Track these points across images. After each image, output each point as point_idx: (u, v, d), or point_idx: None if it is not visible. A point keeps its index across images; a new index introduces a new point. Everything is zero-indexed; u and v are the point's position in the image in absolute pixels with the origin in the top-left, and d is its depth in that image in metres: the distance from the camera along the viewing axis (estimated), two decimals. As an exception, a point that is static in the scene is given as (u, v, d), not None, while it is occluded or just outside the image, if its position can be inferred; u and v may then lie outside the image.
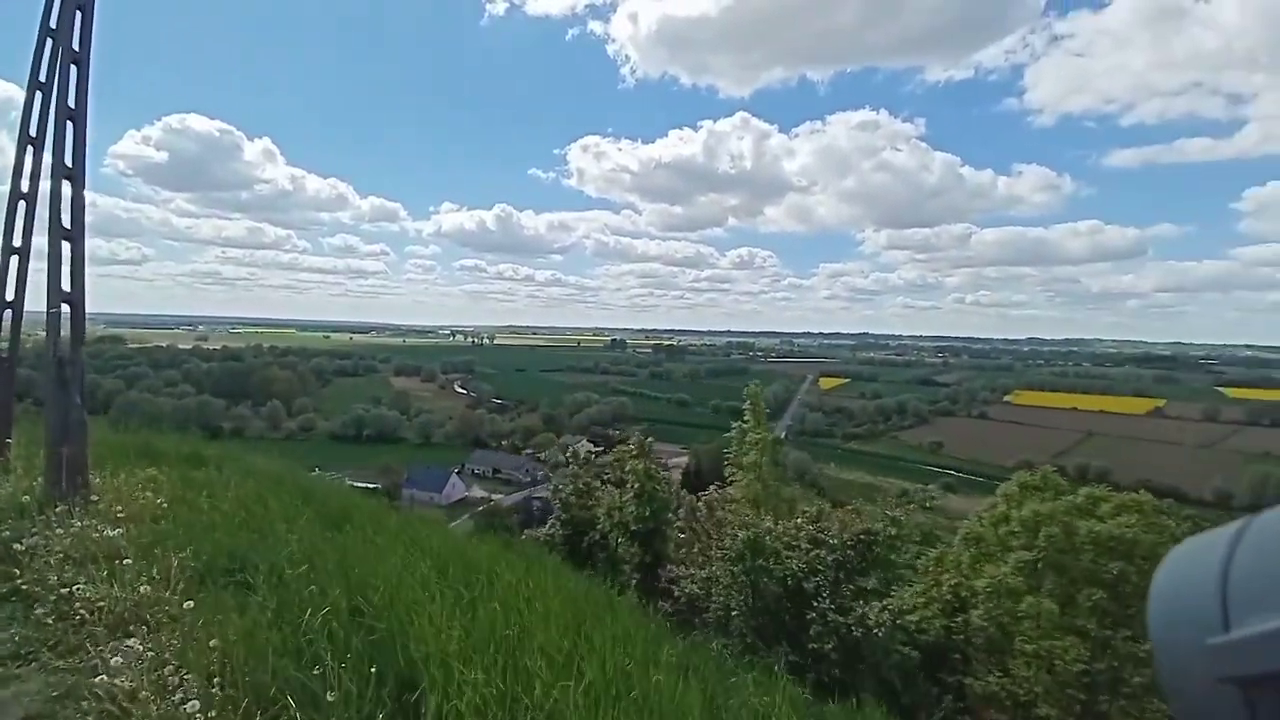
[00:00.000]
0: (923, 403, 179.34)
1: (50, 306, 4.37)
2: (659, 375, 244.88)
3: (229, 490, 5.01)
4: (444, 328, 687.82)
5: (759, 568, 5.64)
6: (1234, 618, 0.54)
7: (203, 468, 6.14)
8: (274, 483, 5.47)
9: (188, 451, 6.46)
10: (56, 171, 4.57)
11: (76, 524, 3.74)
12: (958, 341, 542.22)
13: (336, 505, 5.01)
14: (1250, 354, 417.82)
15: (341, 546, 3.73)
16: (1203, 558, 0.60)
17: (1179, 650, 0.59)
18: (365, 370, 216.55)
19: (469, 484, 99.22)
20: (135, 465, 5.63)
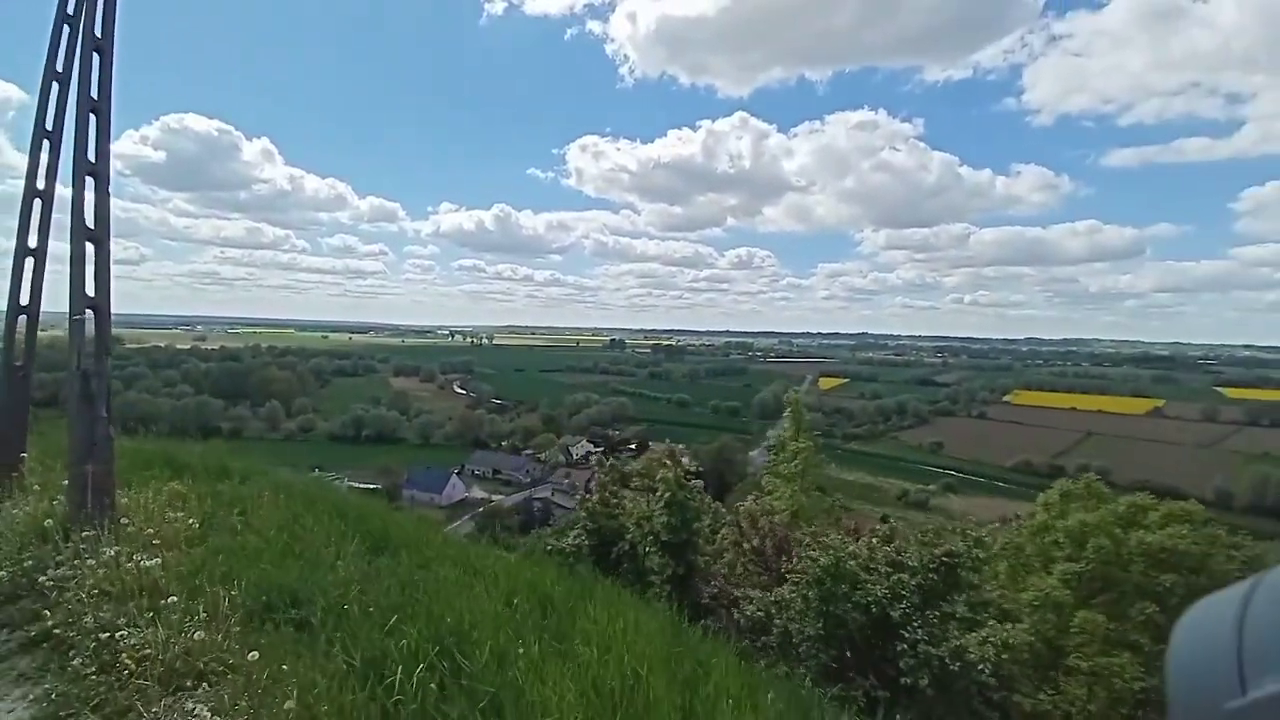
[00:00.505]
0: (922, 403, 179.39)
1: (73, 313, 4.02)
2: (658, 375, 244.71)
3: (261, 508, 4.67)
4: (443, 328, 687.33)
5: (838, 593, 5.29)
6: (1249, 679, 0.53)
7: (227, 480, 5.79)
8: (307, 499, 5.13)
9: (212, 463, 6.11)
10: (78, 168, 4.22)
11: (107, 551, 3.39)
12: (956, 341, 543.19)
13: (377, 524, 4.67)
14: (1248, 354, 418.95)
15: (399, 575, 3.40)
16: (1217, 619, 0.59)
17: (1198, 715, 0.58)
18: (364, 370, 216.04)
19: (469, 485, 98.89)
20: (158, 479, 5.29)
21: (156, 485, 4.91)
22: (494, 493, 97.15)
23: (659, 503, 8.64)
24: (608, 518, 8.81)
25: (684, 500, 8.49)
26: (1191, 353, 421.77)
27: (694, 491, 8.75)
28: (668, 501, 8.54)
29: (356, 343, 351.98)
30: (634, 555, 8.38)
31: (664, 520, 8.43)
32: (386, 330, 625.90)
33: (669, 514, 8.42)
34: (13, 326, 5.16)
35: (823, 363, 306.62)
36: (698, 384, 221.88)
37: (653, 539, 8.45)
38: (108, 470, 3.98)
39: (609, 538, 8.58)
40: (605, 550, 8.53)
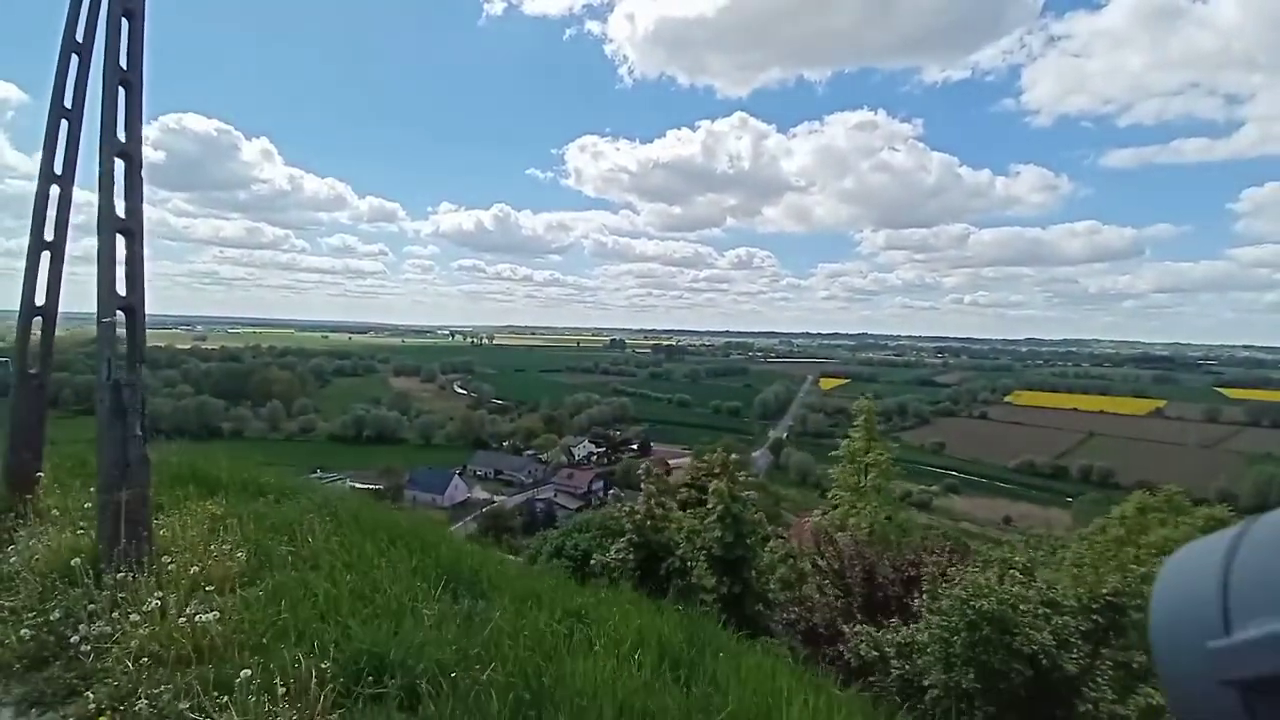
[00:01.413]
0: (923, 403, 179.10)
1: (102, 315, 3.45)
2: (659, 376, 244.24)
3: (312, 533, 4.11)
4: (443, 328, 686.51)
5: (994, 640, 4.63)
6: (1235, 621, 0.54)
7: (263, 497, 5.23)
8: (359, 523, 4.57)
9: (243, 476, 5.55)
10: (106, 149, 3.65)
11: (151, 600, 2.82)
12: (956, 342, 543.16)
13: (447, 554, 4.10)
14: (1248, 354, 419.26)
15: (496, 625, 2.84)
16: (1204, 561, 0.60)
17: (1180, 653, 0.59)
18: (364, 370, 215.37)
19: (471, 485, 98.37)
20: (190, 498, 4.73)
21: (190, 507, 4.35)
22: (496, 493, 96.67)
23: (711, 516, 8.10)
24: (654, 531, 8.26)
25: (739, 514, 7.95)
26: (1191, 353, 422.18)
27: (749, 504, 8.20)
28: (720, 515, 7.99)
29: (356, 343, 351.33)
30: (684, 572, 7.85)
31: (717, 535, 7.89)
32: (386, 330, 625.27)
33: (722, 528, 7.88)
34: (26, 329, 4.58)
35: (823, 363, 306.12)
36: (698, 384, 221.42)
37: (705, 555, 7.91)
38: (143, 497, 3.40)
39: (656, 552, 8.03)
40: (652, 565, 7.98)
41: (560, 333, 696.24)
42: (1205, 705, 0.56)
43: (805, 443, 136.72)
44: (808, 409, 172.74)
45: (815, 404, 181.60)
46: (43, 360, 4.54)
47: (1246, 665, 0.52)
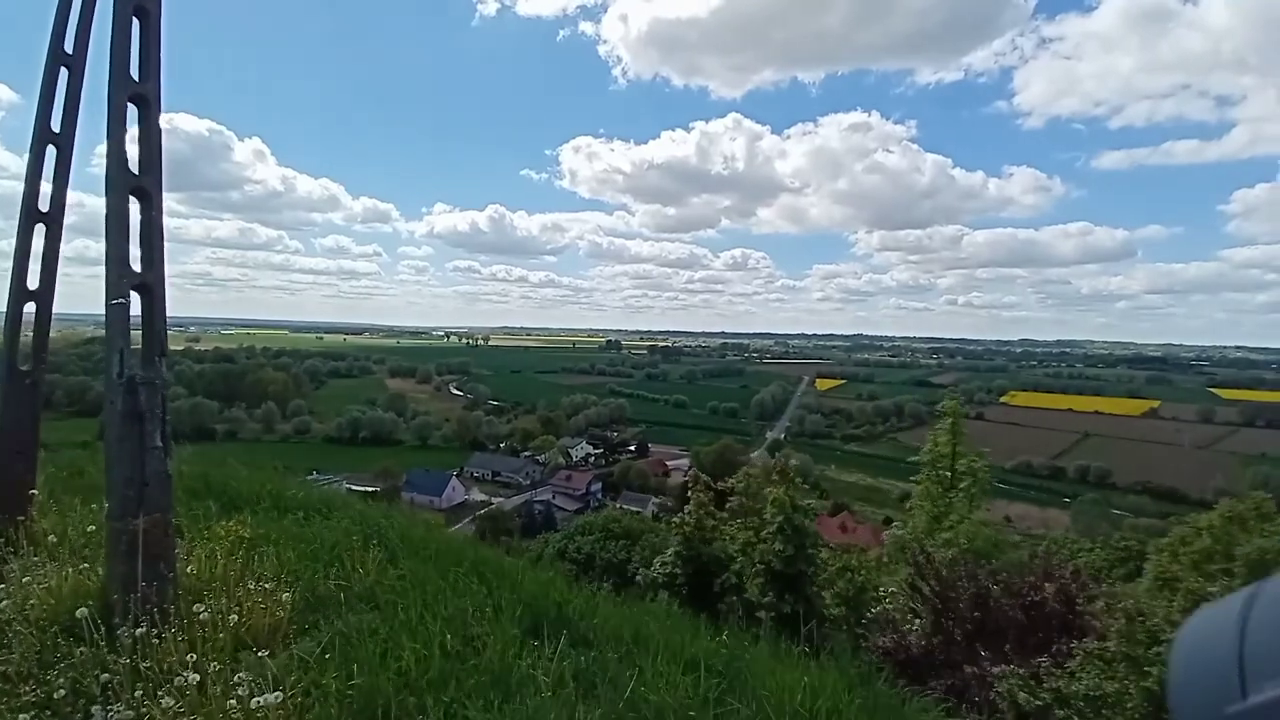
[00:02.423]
0: (920, 404, 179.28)
1: (112, 296, 2.73)
2: (655, 376, 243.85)
3: (359, 561, 3.41)
4: (438, 329, 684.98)
5: None
6: (1251, 684, 0.54)
7: (289, 515, 4.50)
8: (411, 546, 3.87)
9: (264, 489, 4.81)
10: (117, 91, 2.94)
11: (186, 675, 2.08)
12: (951, 342, 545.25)
13: (528, 585, 3.39)
14: (1240, 355, 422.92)
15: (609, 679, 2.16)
16: (1219, 624, 0.60)
17: (1199, 718, 0.59)
18: (360, 372, 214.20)
19: (468, 487, 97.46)
20: (208, 515, 4.00)
21: (214, 530, 3.63)
22: (493, 495, 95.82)
23: (770, 527, 7.42)
24: (703, 542, 7.58)
25: (800, 525, 7.28)
26: (1184, 354, 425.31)
27: (810, 514, 7.53)
28: (780, 526, 7.32)
29: (351, 344, 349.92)
30: (740, 588, 7.17)
31: (777, 549, 7.21)
32: (381, 331, 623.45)
33: (783, 541, 7.21)
34: (17, 317, 3.84)
35: (819, 364, 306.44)
36: (695, 385, 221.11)
37: (763, 569, 7.23)
38: (165, 525, 2.68)
39: (708, 566, 7.36)
40: (703, 581, 7.31)
41: (556, 334, 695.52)
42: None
43: (803, 443, 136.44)
44: (805, 410, 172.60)
45: (812, 405, 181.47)
46: (35, 354, 3.78)
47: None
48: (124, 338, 2.81)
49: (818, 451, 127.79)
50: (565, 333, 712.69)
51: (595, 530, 33.93)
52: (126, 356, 2.78)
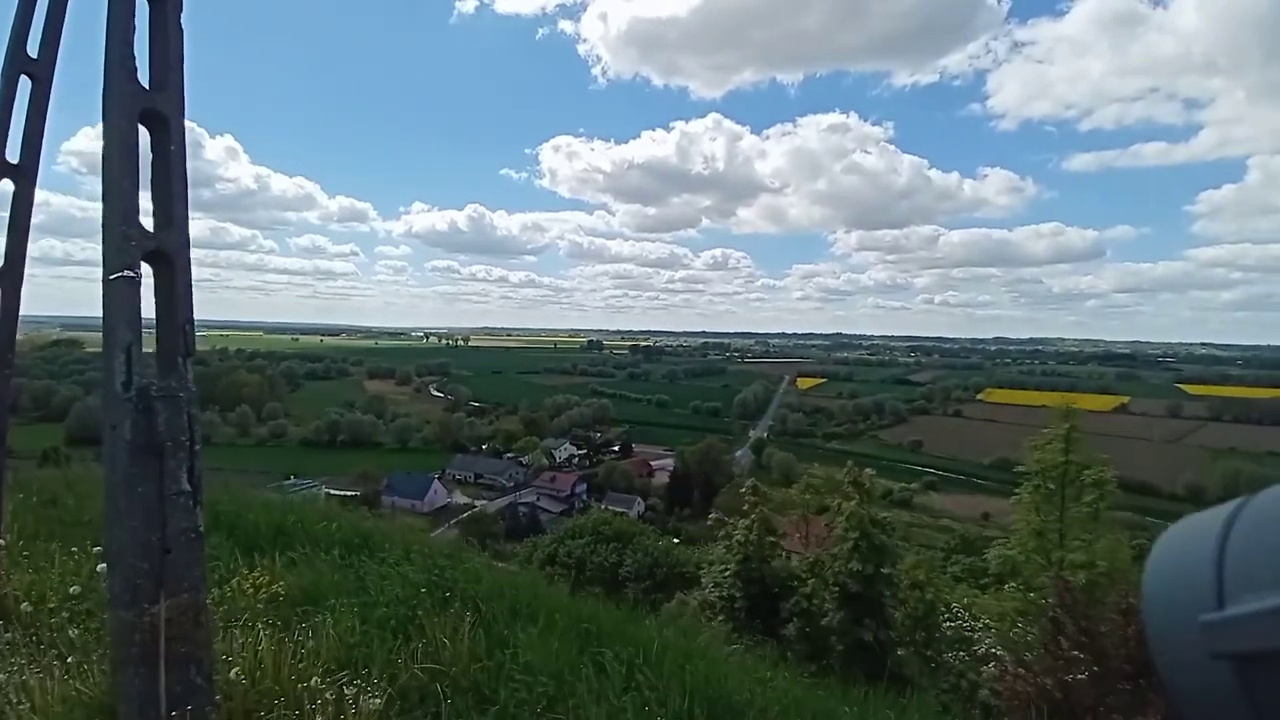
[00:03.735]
0: (900, 402, 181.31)
1: (112, 269, 1.84)
2: (637, 376, 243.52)
3: (445, 632, 2.55)
4: (417, 329, 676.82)
5: None
6: (1229, 595, 0.54)
7: (324, 554, 3.58)
8: (501, 598, 3.02)
9: (290, 520, 3.85)
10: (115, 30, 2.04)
11: None
12: (928, 341, 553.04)
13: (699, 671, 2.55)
14: (1205, 352, 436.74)
15: None
16: (1199, 536, 0.60)
17: (1172, 626, 0.59)
18: (337, 373, 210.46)
19: (450, 490, 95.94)
20: (227, 557, 3.09)
21: (239, 586, 2.75)
22: (476, 498, 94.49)
23: (846, 544, 6.68)
24: (762, 560, 6.82)
25: (880, 543, 6.54)
26: (1151, 351, 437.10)
27: (889, 530, 6.81)
28: (855, 543, 6.58)
29: (328, 345, 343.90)
30: (810, 613, 6.42)
31: (855, 568, 6.47)
32: (358, 332, 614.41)
33: (859, 560, 6.48)
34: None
35: (799, 363, 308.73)
36: (677, 385, 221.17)
37: (837, 590, 6.50)
38: (196, 612, 1.79)
39: (772, 587, 6.62)
40: (767, 602, 6.55)
41: (537, 334, 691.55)
42: (1197, 678, 0.56)
43: (786, 442, 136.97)
44: (787, 408, 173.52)
45: (794, 403, 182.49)
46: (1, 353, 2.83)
47: (1239, 639, 0.52)
48: (131, 329, 1.91)
49: (800, 450, 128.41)
50: (546, 333, 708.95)
51: (585, 533, 33.11)
52: (136, 357, 1.91)
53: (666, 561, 29.76)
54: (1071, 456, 8.94)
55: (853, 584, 6.57)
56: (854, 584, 6.57)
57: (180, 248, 1.95)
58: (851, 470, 8.66)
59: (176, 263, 1.94)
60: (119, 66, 1.87)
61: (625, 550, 30.86)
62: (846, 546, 6.67)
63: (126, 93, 1.87)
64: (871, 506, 7.12)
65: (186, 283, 2.02)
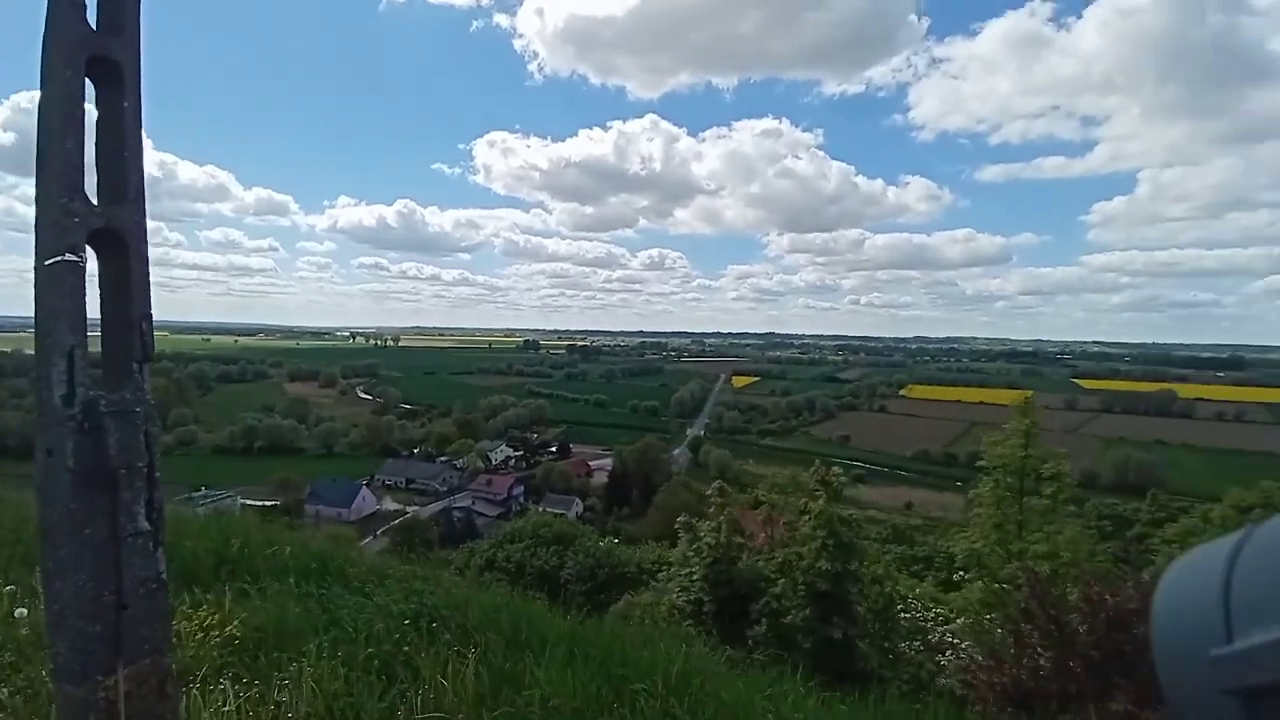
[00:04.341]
0: (829, 399, 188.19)
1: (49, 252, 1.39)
2: (575, 376, 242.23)
3: (443, 671, 2.20)
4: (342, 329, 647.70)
5: None
6: (1236, 629, 0.53)
7: (279, 581, 3.11)
8: (496, 629, 2.69)
9: (233, 547, 3.31)
10: None
11: None
12: (855, 340, 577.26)
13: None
14: (1098, 349, 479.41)
15: None
16: (1205, 568, 0.59)
17: (1182, 661, 0.58)
18: (254, 376, 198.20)
19: (380, 497, 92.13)
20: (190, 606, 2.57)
21: (186, 625, 2.30)
22: (408, 504, 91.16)
23: (814, 542, 6.67)
24: (730, 562, 6.73)
25: (847, 541, 6.56)
26: (1050, 349, 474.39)
27: (856, 527, 6.84)
28: (823, 542, 6.58)
29: (243, 346, 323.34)
30: (778, 614, 6.38)
31: (822, 567, 6.47)
32: (278, 331, 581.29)
33: (827, 558, 6.48)
34: None
35: (734, 362, 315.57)
36: (614, 384, 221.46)
37: (805, 590, 6.48)
38: (162, 680, 1.39)
39: (740, 589, 6.52)
40: (735, 604, 6.44)
41: (471, 333, 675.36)
42: (1206, 714, 0.55)
43: (722, 439, 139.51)
44: (722, 406, 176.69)
45: (729, 401, 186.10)
46: None
47: (1248, 673, 0.52)
48: (73, 328, 1.51)
49: (736, 447, 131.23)
50: (481, 332, 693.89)
51: (525, 536, 32.40)
52: (78, 364, 1.52)
53: (609, 562, 29.56)
54: (1030, 451, 9.42)
55: (821, 583, 6.60)
56: (823, 583, 6.60)
57: (136, 227, 1.54)
58: (818, 469, 8.76)
59: (131, 245, 1.52)
60: (64, 2, 1.44)
61: (566, 552, 30.44)
62: (814, 545, 6.70)
63: (72, 35, 1.44)
64: (838, 505, 7.19)
65: (143, 271, 1.62)
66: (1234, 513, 12.54)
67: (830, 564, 6.57)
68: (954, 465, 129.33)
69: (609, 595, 26.26)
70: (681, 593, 6.98)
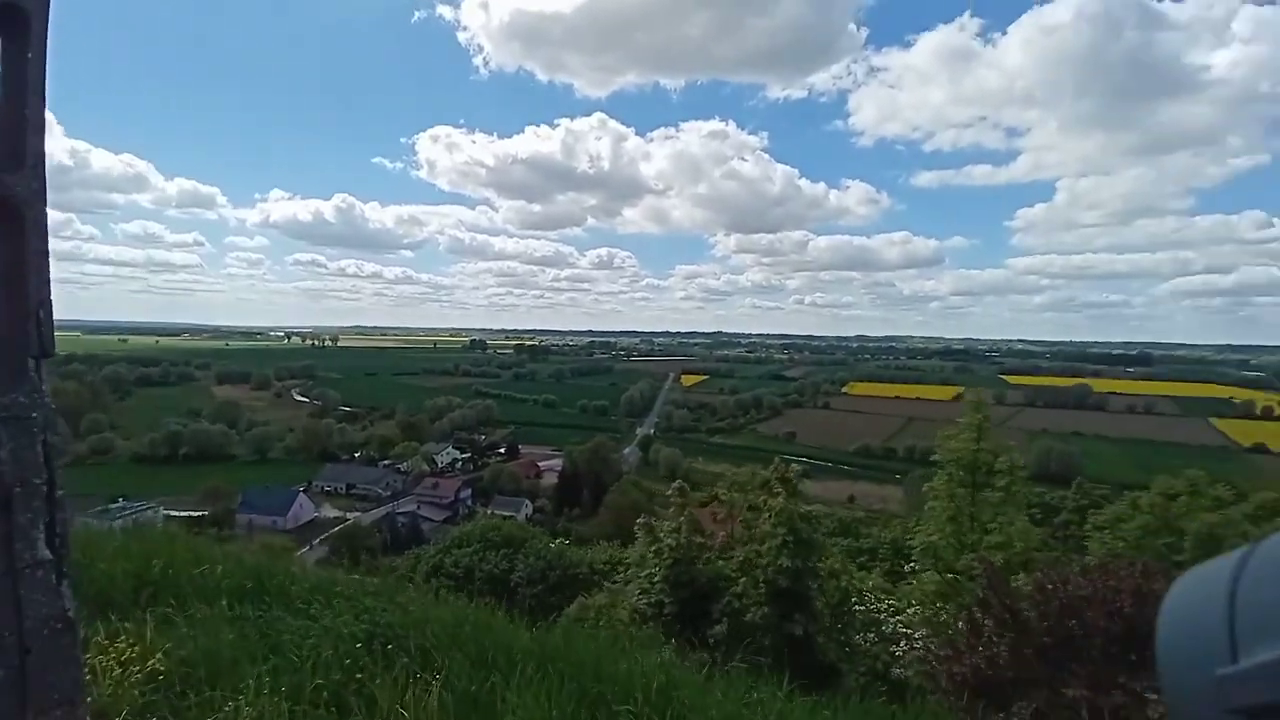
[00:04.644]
0: (775, 396, 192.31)
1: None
2: (523, 376, 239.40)
3: (400, 698, 1.96)
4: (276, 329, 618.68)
5: None
6: (1241, 647, 0.53)
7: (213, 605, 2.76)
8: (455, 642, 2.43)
9: (154, 568, 2.90)
10: None
11: None
12: (799, 339, 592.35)
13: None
14: (1023, 347, 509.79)
15: None
16: (1209, 586, 0.59)
17: (1187, 681, 0.58)
18: (178, 379, 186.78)
19: (319, 503, 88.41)
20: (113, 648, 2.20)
21: (99, 662, 1.97)
22: (349, 510, 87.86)
23: (774, 540, 6.64)
24: (690, 562, 6.63)
25: (807, 538, 6.56)
26: (980, 347, 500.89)
27: (815, 523, 6.84)
28: (784, 540, 6.57)
29: (165, 347, 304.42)
30: (740, 612, 6.33)
31: (784, 564, 6.45)
32: (205, 331, 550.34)
33: (788, 555, 6.47)
34: None
35: (683, 360, 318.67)
36: (564, 384, 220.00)
37: (766, 587, 6.45)
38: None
39: (703, 591, 6.43)
40: (696, 604, 6.35)
41: (415, 333, 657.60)
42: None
43: (672, 438, 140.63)
44: (672, 405, 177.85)
45: (679, 400, 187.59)
46: None
47: (1254, 693, 0.51)
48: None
49: (686, 445, 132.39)
50: (425, 332, 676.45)
51: (473, 540, 31.63)
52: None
53: (560, 564, 29.10)
54: (982, 445, 9.79)
55: (783, 579, 6.62)
56: (784, 579, 6.62)
57: (33, 196, 1.25)
58: (778, 467, 8.80)
59: (28, 219, 1.24)
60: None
61: (516, 556, 29.80)
62: (775, 543, 6.71)
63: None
64: (797, 502, 7.23)
65: (42, 249, 1.34)
66: (1162, 499, 13.51)
67: (791, 561, 6.60)
68: (893, 459, 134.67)
69: (561, 597, 25.85)
70: (642, 595, 6.87)
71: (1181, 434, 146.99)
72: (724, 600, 6.52)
